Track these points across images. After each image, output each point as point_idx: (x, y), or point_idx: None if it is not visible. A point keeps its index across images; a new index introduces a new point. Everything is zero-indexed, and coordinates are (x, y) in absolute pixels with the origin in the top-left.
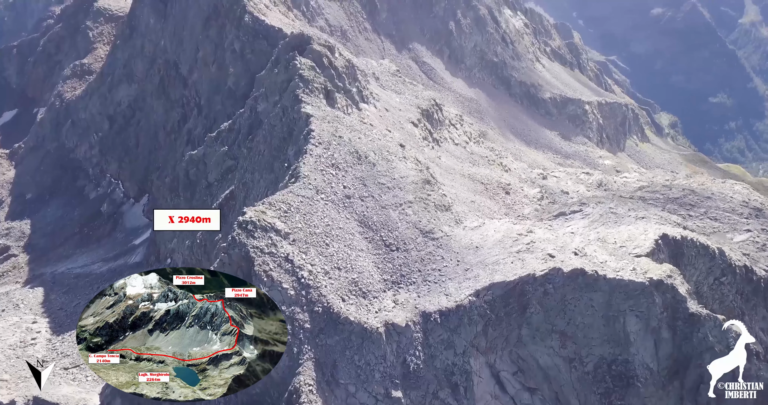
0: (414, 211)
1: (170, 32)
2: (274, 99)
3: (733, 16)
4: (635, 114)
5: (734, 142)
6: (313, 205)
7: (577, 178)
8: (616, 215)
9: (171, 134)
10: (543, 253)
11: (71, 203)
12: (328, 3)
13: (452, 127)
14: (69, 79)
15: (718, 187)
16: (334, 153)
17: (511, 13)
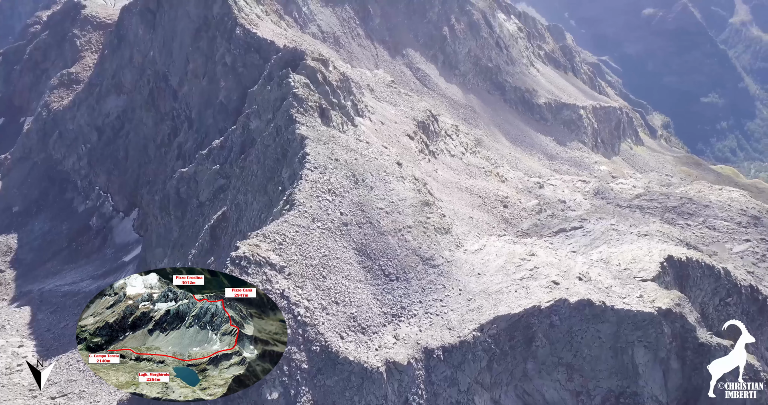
0: (413, 236)
1: (159, 43)
2: (267, 117)
3: (723, 16)
4: (629, 117)
5: (726, 141)
6: (309, 235)
7: (574, 186)
8: (617, 232)
9: (161, 147)
10: (547, 280)
11: (59, 217)
12: (320, 9)
13: (448, 138)
14: (56, 89)
15: (715, 194)
16: (331, 177)
17: (505, 17)
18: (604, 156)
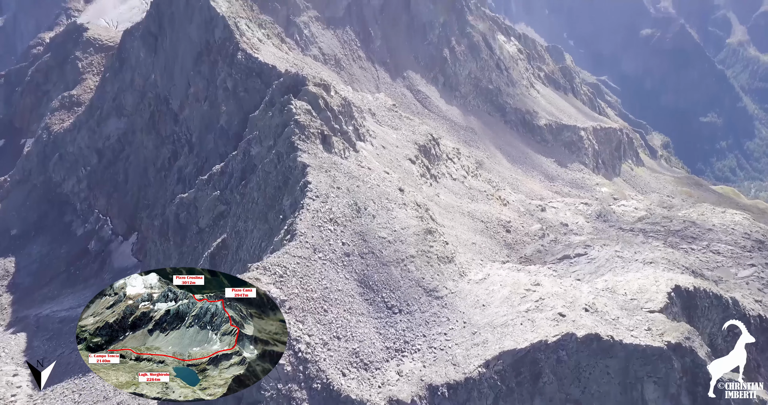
0: (417, 266)
1: (161, 66)
2: (269, 143)
3: (720, 36)
4: (629, 138)
5: (726, 161)
6: (311, 267)
7: (576, 208)
8: (622, 259)
9: (161, 171)
10: (553, 312)
11: (58, 240)
12: (321, 31)
13: (449, 162)
14: (57, 111)
15: (718, 217)
16: (332, 206)
17: (505, 38)
18: (605, 177)
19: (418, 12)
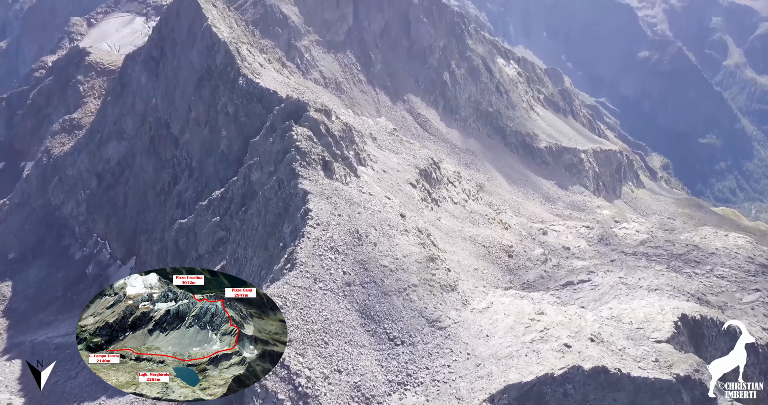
0: (419, 295)
1: (162, 91)
2: (269, 169)
3: (717, 59)
4: (630, 160)
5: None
6: (311, 297)
7: (578, 232)
8: (626, 286)
9: (161, 195)
10: (558, 343)
11: (55, 264)
12: (322, 55)
13: (450, 185)
14: (57, 134)
15: (721, 241)
16: (333, 234)
17: (504, 62)
18: (605, 199)
19: (418, 36)
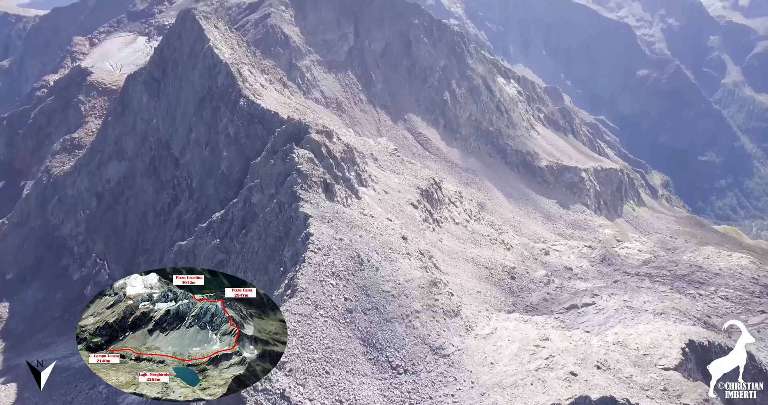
0: (422, 321)
1: (163, 111)
2: (270, 192)
3: (715, 77)
4: (630, 179)
5: (726, 199)
6: (312, 325)
7: (580, 252)
8: (631, 310)
9: (160, 216)
10: (564, 371)
11: (54, 285)
12: (323, 75)
13: (452, 205)
14: (58, 154)
15: (724, 261)
16: (335, 259)
17: (504, 81)
18: (607, 218)
19: (419, 56)
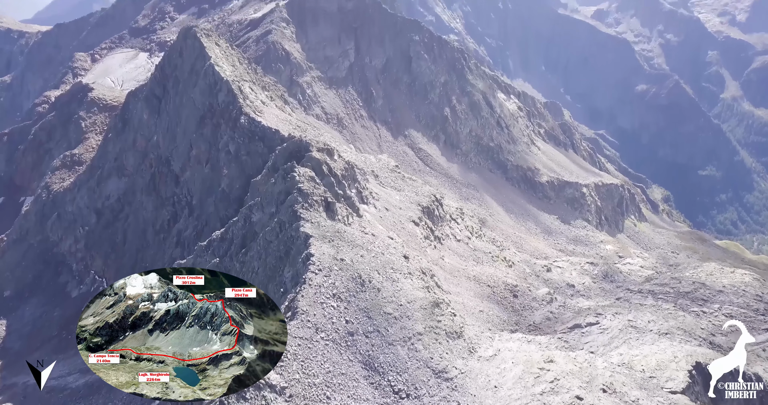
0: (424, 344)
1: (164, 128)
2: (271, 210)
3: (714, 92)
4: (631, 194)
5: (726, 214)
6: (313, 348)
7: (582, 268)
8: (636, 330)
9: (160, 233)
10: (570, 396)
11: (52, 302)
12: (324, 91)
13: (453, 222)
14: (58, 170)
15: (727, 278)
16: (336, 281)
17: (505, 96)
18: (608, 233)
19: (419, 72)
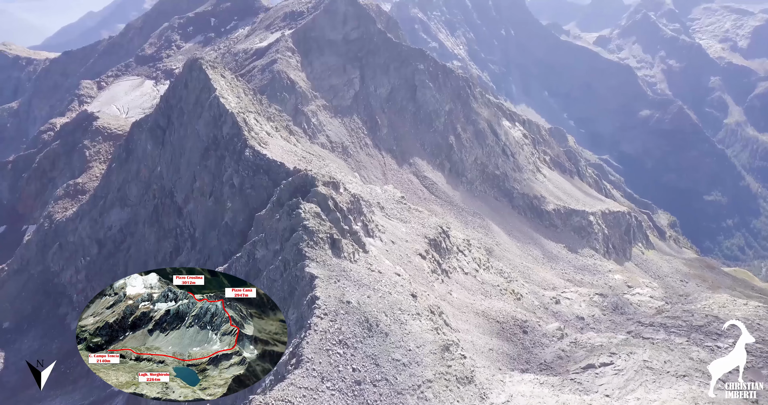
0: (434, 392)
1: (167, 159)
2: (275, 247)
3: (718, 117)
4: (638, 221)
5: (733, 239)
6: (318, 399)
7: (591, 300)
8: (653, 371)
9: (162, 265)
10: None
11: (50, 334)
12: (329, 120)
13: (460, 254)
14: (61, 199)
15: (741, 310)
16: (342, 325)
17: (510, 124)
18: (616, 262)
19: (424, 101)
